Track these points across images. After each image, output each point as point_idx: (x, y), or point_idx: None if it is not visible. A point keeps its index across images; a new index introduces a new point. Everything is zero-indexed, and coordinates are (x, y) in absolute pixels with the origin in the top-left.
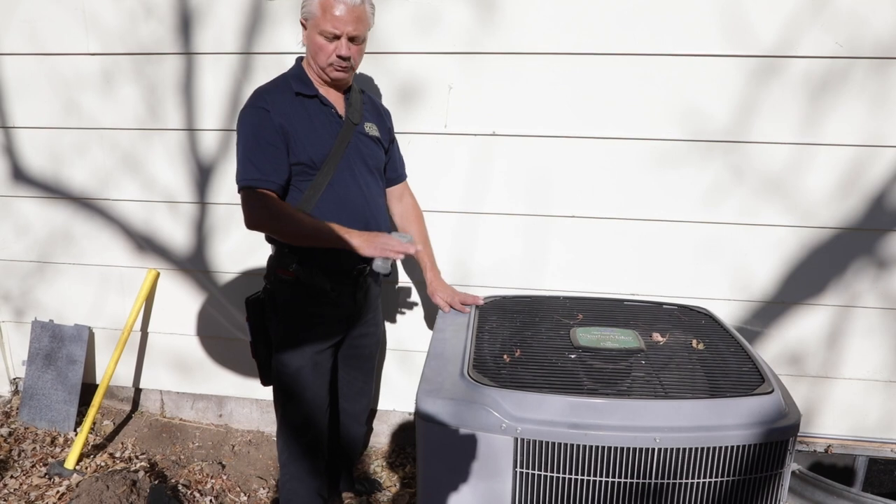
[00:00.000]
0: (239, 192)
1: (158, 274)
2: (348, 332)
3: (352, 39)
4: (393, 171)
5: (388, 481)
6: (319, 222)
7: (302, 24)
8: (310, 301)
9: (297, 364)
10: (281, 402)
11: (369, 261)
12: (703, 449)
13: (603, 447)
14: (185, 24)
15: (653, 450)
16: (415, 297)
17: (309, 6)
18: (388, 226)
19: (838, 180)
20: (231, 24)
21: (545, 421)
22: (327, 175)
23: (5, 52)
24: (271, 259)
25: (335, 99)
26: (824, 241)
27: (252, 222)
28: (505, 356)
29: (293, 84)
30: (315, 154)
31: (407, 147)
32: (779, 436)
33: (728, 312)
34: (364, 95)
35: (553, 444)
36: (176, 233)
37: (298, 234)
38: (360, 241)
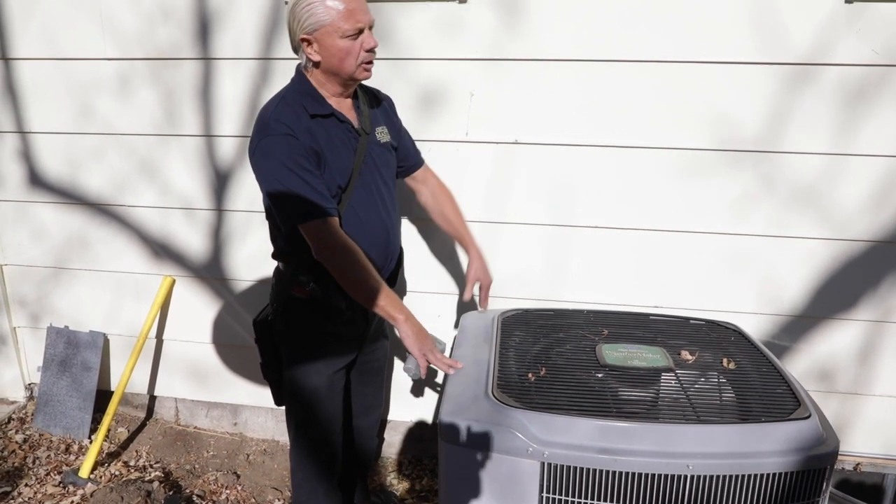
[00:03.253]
0: (300, 226)
1: (174, 281)
2: (361, 349)
3: (370, 28)
4: (410, 158)
5: (405, 493)
6: (382, 286)
7: (306, 41)
8: (324, 320)
9: (313, 385)
10: (295, 423)
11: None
12: (737, 477)
13: (633, 473)
14: (204, 29)
15: (685, 476)
16: (434, 306)
17: (313, 16)
18: (400, 242)
19: (873, 192)
20: (250, 28)
21: (573, 445)
22: (348, 195)
23: (23, 56)
24: (283, 277)
25: (347, 110)
26: (857, 254)
27: (326, 253)
28: (530, 375)
29: (307, 105)
30: (342, 178)
31: (427, 154)
32: (817, 463)
33: (756, 326)
34: (365, 93)
35: (581, 469)
36: (192, 240)
37: (356, 286)
38: (410, 333)
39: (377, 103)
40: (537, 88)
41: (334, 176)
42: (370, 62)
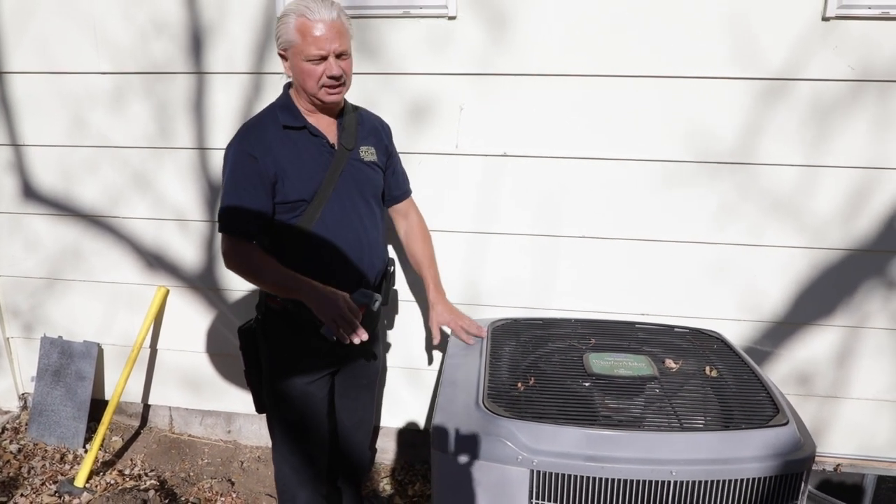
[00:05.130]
0: (220, 231)
1: (168, 291)
2: (343, 364)
3: (338, 56)
4: (396, 188)
5: (398, 499)
6: (284, 275)
7: (281, 56)
8: (298, 332)
9: (287, 395)
10: (273, 432)
11: (361, 288)
12: (719, 482)
13: (619, 480)
14: (197, 43)
15: (669, 482)
16: (424, 315)
17: (285, 35)
18: (385, 258)
19: (847, 202)
20: (243, 43)
21: (561, 453)
22: (317, 209)
23: (16, 70)
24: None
25: (326, 126)
26: (834, 263)
27: (228, 265)
28: (519, 384)
29: (280, 116)
30: (305, 191)
31: (417, 167)
32: (794, 468)
33: (737, 333)
34: (359, 114)
35: (569, 476)
36: (186, 250)
37: (265, 286)
38: (314, 303)
39: (369, 125)
40: (525, 102)
41: (296, 189)
42: (334, 87)
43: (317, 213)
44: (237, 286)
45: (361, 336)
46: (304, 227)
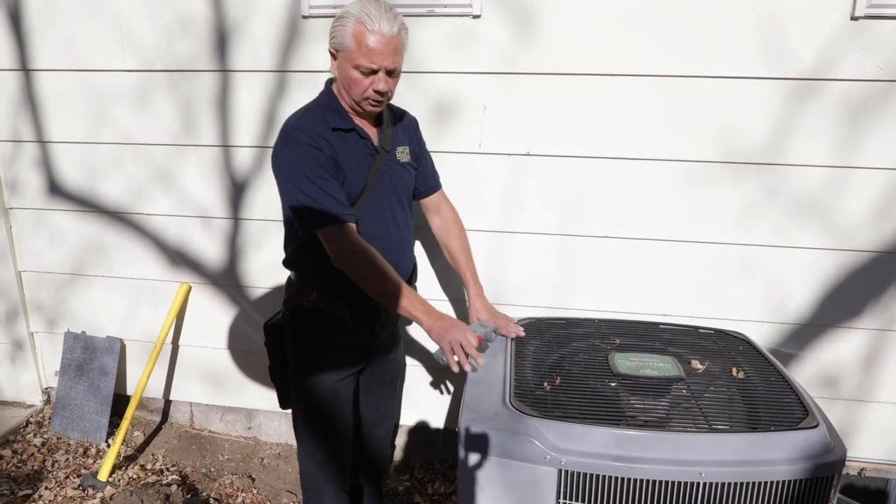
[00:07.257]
0: (318, 231)
1: (190, 288)
2: (369, 362)
3: (388, 73)
4: (425, 181)
5: (417, 497)
6: (402, 286)
7: (331, 54)
8: (328, 329)
9: (316, 393)
10: (300, 429)
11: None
12: (747, 484)
13: (647, 481)
14: (221, 42)
15: (697, 484)
16: (447, 312)
17: (341, 37)
18: (414, 260)
19: (876, 203)
20: (267, 41)
21: (589, 453)
22: (358, 209)
23: (43, 67)
24: (291, 285)
25: (369, 127)
26: (862, 264)
27: (340, 260)
28: (545, 384)
29: (329, 118)
30: (354, 191)
31: (441, 166)
32: (824, 471)
33: (762, 334)
34: (392, 112)
35: (597, 476)
36: (209, 247)
37: (376, 288)
38: (433, 327)
39: (402, 124)
40: (549, 101)
41: (348, 188)
42: (378, 102)
43: (358, 213)
44: (259, 283)
45: (478, 362)
46: None
